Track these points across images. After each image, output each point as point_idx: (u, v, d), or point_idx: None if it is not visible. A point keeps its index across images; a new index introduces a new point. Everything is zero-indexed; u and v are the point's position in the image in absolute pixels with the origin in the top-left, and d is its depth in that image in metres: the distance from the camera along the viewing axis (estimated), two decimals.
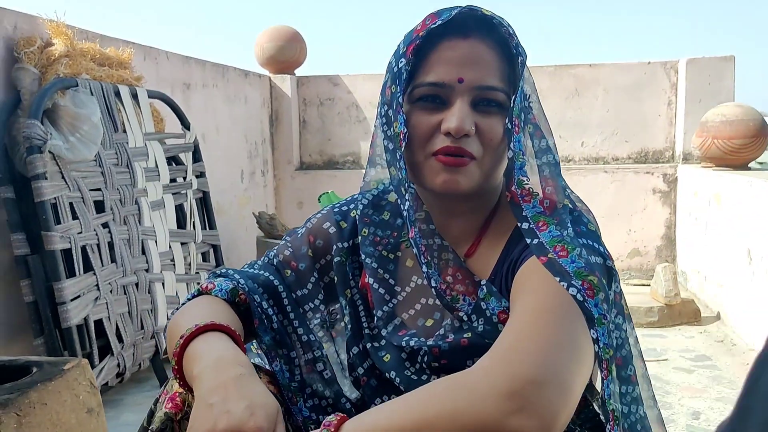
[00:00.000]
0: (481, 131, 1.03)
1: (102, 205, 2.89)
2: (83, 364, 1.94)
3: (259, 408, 0.84)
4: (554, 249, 0.97)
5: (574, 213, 1.07)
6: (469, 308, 1.07)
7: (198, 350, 0.95)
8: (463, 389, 0.82)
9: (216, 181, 4.21)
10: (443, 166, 1.03)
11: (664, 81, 5.29)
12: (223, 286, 1.12)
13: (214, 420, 0.83)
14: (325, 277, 1.21)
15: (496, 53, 1.04)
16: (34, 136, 2.52)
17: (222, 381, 0.88)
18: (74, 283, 2.61)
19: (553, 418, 0.79)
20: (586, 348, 0.90)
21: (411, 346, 1.09)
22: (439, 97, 1.03)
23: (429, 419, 0.79)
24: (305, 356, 1.18)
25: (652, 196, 5.15)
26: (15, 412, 1.67)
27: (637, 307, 4.00)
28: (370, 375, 1.15)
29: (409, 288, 1.15)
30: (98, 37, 3.24)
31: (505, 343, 0.87)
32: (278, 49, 5.52)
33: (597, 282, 0.94)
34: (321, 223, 1.22)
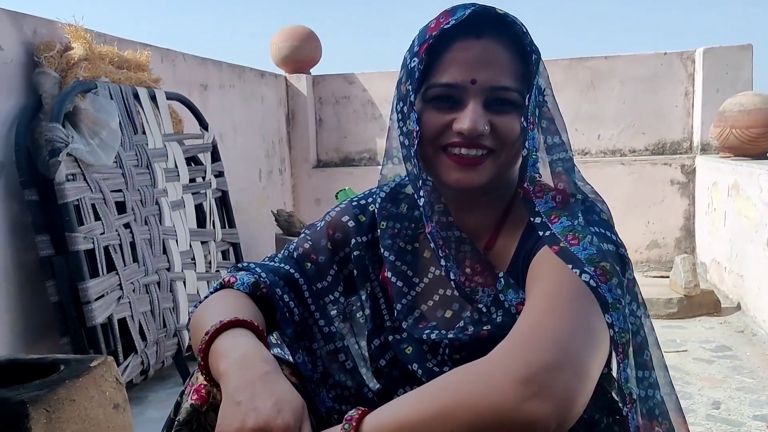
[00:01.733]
0: (497, 129, 1.04)
1: (123, 205, 2.93)
2: (109, 361, 1.99)
3: (286, 405, 0.86)
4: (566, 238, 0.98)
5: (586, 203, 1.08)
6: (488, 300, 1.09)
7: (223, 347, 0.97)
8: (479, 377, 0.83)
9: (234, 180, 4.25)
10: (457, 165, 1.05)
11: (681, 71, 5.26)
12: (245, 280, 1.14)
13: (243, 417, 0.85)
14: (344, 270, 1.22)
15: (510, 52, 1.04)
16: (56, 139, 2.57)
17: (248, 378, 0.90)
18: (98, 283, 2.65)
19: (570, 403, 0.80)
20: (600, 333, 0.91)
21: (432, 339, 1.10)
22: (453, 97, 1.04)
23: (447, 409, 0.81)
24: (327, 347, 1.20)
25: (670, 188, 5.13)
26: (44, 408, 1.72)
27: (656, 299, 3.99)
28: (392, 366, 1.16)
29: (427, 279, 1.16)
30: (116, 40, 3.29)
31: (520, 331, 0.88)
32: (294, 49, 5.55)
33: (610, 268, 0.95)
34: (340, 216, 1.24)
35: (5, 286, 2.63)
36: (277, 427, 0.83)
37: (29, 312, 2.71)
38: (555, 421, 0.78)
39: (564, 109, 1.18)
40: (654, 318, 3.86)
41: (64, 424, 1.76)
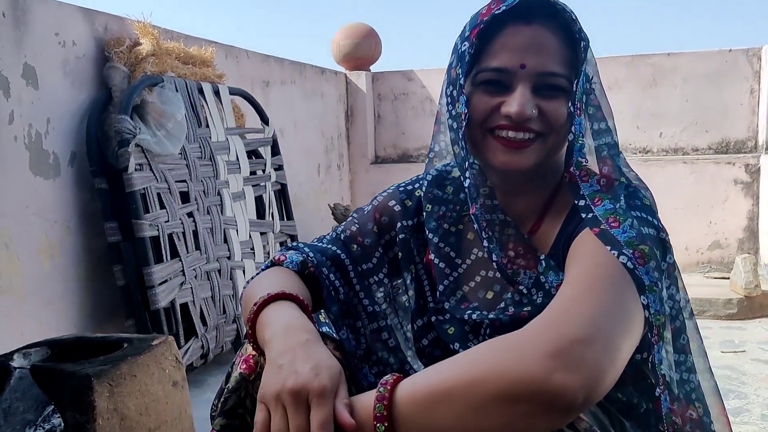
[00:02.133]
0: (546, 113, 1.06)
1: (187, 195, 3.05)
2: (169, 340, 2.08)
3: (323, 369, 0.91)
4: (607, 221, 1.00)
5: (629, 189, 1.09)
6: (529, 282, 1.12)
7: (269, 317, 1.03)
8: (511, 348, 0.85)
9: (293, 175, 4.35)
10: (504, 147, 1.07)
11: (746, 68, 5.14)
12: (294, 259, 1.20)
13: (283, 379, 0.90)
14: (389, 252, 1.27)
15: (559, 38, 1.06)
16: (124, 131, 2.69)
17: (290, 345, 0.95)
18: (162, 268, 2.77)
19: (599, 376, 0.81)
20: (634, 313, 0.92)
21: (474, 319, 1.13)
22: (502, 81, 1.07)
23: (478, 376, 0.83)
24: (371, 326, 1.24)
25: (733, 187, 5.02)
26: (108, 382, 1.82)
27: (716, 299, 3.93)
28: (434, 346, 1.20)
29: (470, 260, 1.20)
30: (182, 36, 3.42)
31: (554, 307, 0.90)
32: (354, 47, 5.63)
33: (648, 251, 0.97)
34: (387, 201, 1.28)
35: (76, 270, 2.78)
36: (314, 389, 0.87)
37: (97, 295, 2.85)
38: (583, 393, 0.80)
39: (625, 106, 1.20)
40: (713, 318, 3.85)
41: (126, 398, 1.86)
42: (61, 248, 2.71)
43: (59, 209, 2.71)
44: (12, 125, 2.52)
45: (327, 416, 0.86)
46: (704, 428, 1.07)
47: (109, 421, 1.81)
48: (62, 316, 2.69)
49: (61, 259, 2.71)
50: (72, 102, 2.80)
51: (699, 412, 1.09)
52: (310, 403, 0.88)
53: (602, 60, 5.40)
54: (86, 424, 1.78)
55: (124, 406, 1.85)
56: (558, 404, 0.80)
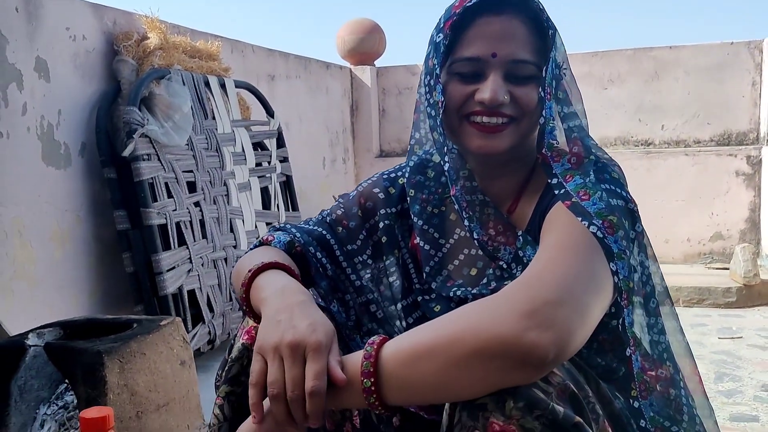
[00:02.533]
0: (517, 99, 1.12)
1: (194, 185, 3.13)
2: (177, 321, 2.16)
3: (319, 326, 0.98)
4: (578, 194, 1.07)
5: (598, 164, 1.15)
6: (509, 257, 1.18)
7: (265, 280, 1.11)
8: (487, 309, 0.91)
9: (299, 168, 4.42)
10: (479, 132, 1.14)
11: (748, 61, 5.18)
12: (281, 238, 1.26)
13: (282, 333, 0.97)
14: (373, 236, 1.32)
15: (528, 27, 1.12)
16: (132, 121, 2.77)
17: (288, 303, 1.03)
18: (170, 255, 2.85)
19: (569, 335, 0.87)
20: (604, 278, 0.98)
21: (458, 295, 1.20)
22: (475, 70, 1.13)
23: (457, 335, 0.89)
24: (359, 299, 1.31)
25: (735, 179, 5.06)
26: (118, 359, 1.90)
27: (715, 288, 3.98)
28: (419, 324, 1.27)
29: (453, 240, 1.26)
30: (189, 31, 3.50)
31: (528, 273, 0.97)
32: (358, 41, 5.71)
33: (617, 221, 1.03)
34: (371, 187, 1.34)
35: (86, 258, 2.86)
36: (311, 343, 0.94)
37: (107, 281, 2.93)
38: (554, 350, 0.86)
39: (627, 100, 1.24)
40: (712, 307, 3.91)
41: (136, 375, 1.94)
42: (72, 236, 2.79)
43: (70, 198, 2.79)
44: (25, 116, 2.60)
45: (321, 369, 0.93)
46: (675, 385, 1.13)
47: (119, 396, 1.89)
48: (73, 302, 2.77)
49: (72, 247, 2.79)
50: (82, 94, 2.88)
51: (670, 371, 1.14)
52: (306, 357, 0.94)
53: (604, 54, 5.46)
54: (98, 399, 1.85)
55: (134, 383, 1.93)
56: (530, 360, 0.86)
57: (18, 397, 1.93)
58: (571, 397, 0.96)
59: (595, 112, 5.48)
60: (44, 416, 1.94)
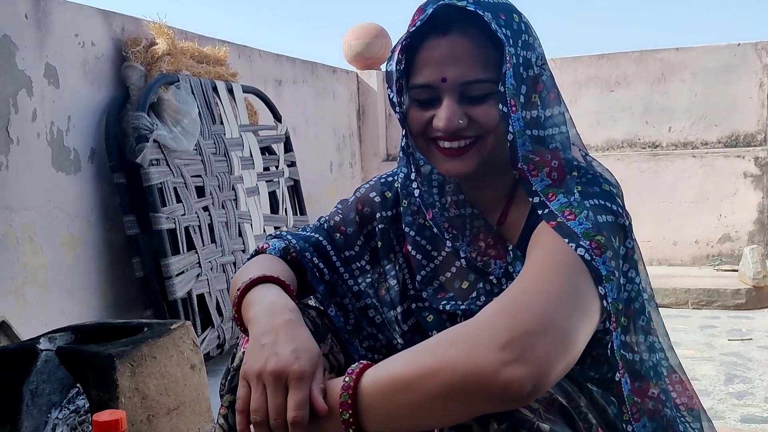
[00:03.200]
0: (475, 119, 1.08)
1: (202, 190, 3.14)
2: (187, 325, 2.17)
3: (304, 353, 0.96)
4: (563, 213, 1.02)
5: (587, 175, 1.09)
6: (500, 272, 1.16)
7: (253, 298, 1.09)
8: (463, 340, 0.87)
9: (306, 172, 4.44)
10: (444, 156, 1.12)
11: (755, 62, 5.17)
12: (276, 245, 1.26)
13: (265, 360, 0.95)
14: (371, 242, 1.31)
15: (477, 43, 1.06)
16: (141, 127, 2.79)
17: (273, 324, 1.01)
18: (179, 260, 2.86)
19: (549, 368, 0.84)
20: (590, 302, 0.94)
21: (447, 310, 1.19)
22: (430, 95, 1.09)
23: (433, 367, 0.86)
24: (357, 304, 1.29)
25: (743, 181, 5.05)
26: (129, 363, 1.91)
27: (724, 290, 3.97)
28: (414, 332, 1.25)
29: (445, 252, 1.24)
30: (196, 36, 3.52)
31: (508, 296, 0.93)
32: (365, 46, 5.72)
33: (605, 241, 0.99)
34: (368, 192, 1.33)
35: (96, 263, 2.88)
36: (293, 372, 0.93)
37: (117, 286, 2.95)
38: (531, 384, 0.83)
39: (634, 102, 1.19)
40: (721, 309, 3.90)
41: (147, 378, 1.95)
42: (82, 241, 2.81)
43: (80, 203, 2.81)
44: (35, 123, 2.62)
45: (303, 399, 0.91)
46: (666, 403, 1.09)
47: (131, 400, 1.90)
48: (84, 306, 2.79)
49: (83, 252, 2.81)
50: (91, 100, 2.90)
51: (660, 387, 1.10)
52: (289, 385, 0.93)
53: (611, 56, 5.47)
54: (109, 402, 1.86)
55: (145, 386, 1.94)
56: (508, 396, 0.83)
57: (30, 402, 1.94)
58: (560, 409, 0.94)
59: (601, 115, 5.48)
60: (56, 420, 1.95)
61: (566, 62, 5.50)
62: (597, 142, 5.51)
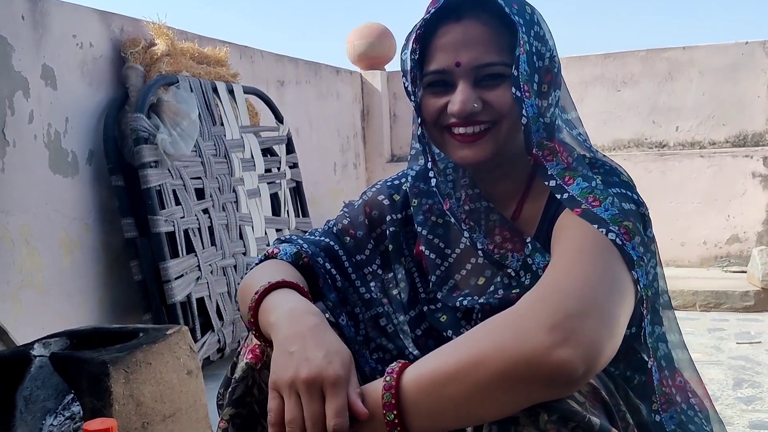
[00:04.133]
0: (490, 103, 1.08)
1: (202, 192, 3.11)
2: (183, 330, 2.13)
3: (335, 356, 0.92)
4: (587, 200, 1.01)
5: (605, 167, 1.11)
6: (517, 264, 1.14)
7: (273, 302, 1.04)
8: (509, 326, 0.86)
9: (309, 174, 4.40)
10: (459, 143, 1.11)
11: (763, 61, 5.11)
12: (288, 251, 1.21)
13: (296, 367, 0.91)
14: (380, 245, 1.28)
15: (491, 28, 1.08)
16: (140, 129, 2.76)
17: (299, 330, 0.96)
18: (178, 263, 2.83)
19: (598, 349, 0.82)
20: (626, 284, 0.93)
21: (464, 305, 1.16)
22: (445, 81, 1.10)
23: (480, 357, 0.84)
24: (368, 313, 1.26)
25: (751, 180, 4.98)
26: (123, 369, 1.87)
27: (732, 292, 3.92)
28: (427, 336, 1.22)
29: (459, 249, 1.22)
30: (197, 37, 3.48)
31: (545, 282, 0.91)
32: (369, 46, 5.68)
33: (632, 227, 0.98)
34: (376, 195, 1.31)
35: (94, 266, 2.85)
36: (329, 377, 0.89)
37: (115, 290, 2.92)
38: (583, 365, 0.81)
39: (641, 101, 1.19)
40: (729, 311, 3.84)
41: (141, 385, 1.91)
42: (80, 244, 2.78)
43: (78, 206, 2.78)
44: (32, 125, 2.59)
45: (342, 405, 0.88)
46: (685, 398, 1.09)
47: (125, 407, 1.86)
48: (81, 310, 2.76)
49: (80, 255, 2.78)
50: (89, 102, 2.87)
51: (678, 380, 1.11)
52: (325, 392, 0.89)
53: (617, 55, 5.41)
54: (103, 410, 1.83)
55: (139, 393, 1.91)
56: (559, 379, 0.81)
57: (23, 408, 1.91)
58: (602, 403, 0.92)
59: (608, 114, 5.42)
60: (50, 427, 1.92)
61: (572, 61, 5.44)
62: (604, 142, 5.45)
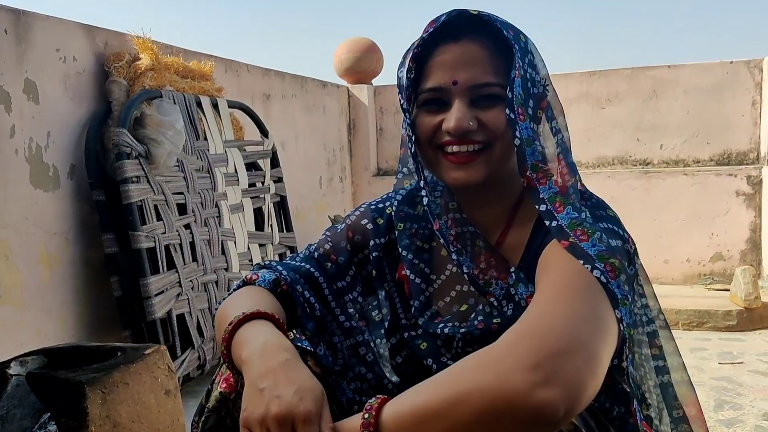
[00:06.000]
0: (484, 123, 1.09)
1: (184, 207, 3.09)
2: (162, 350, 2.11)
3: (307, 392, 0.91)
4: (575, 233, 1.01)
5: (592, 199, 1.11)
6: (501, 293, 1.13)
7: (245, 336, 1.03)
8: (490, 364, 0.84)
9: (295, 187, 4.39)
10: (452, 164, 1.11)
11: (747, 80, 5.15)
12: (266, 277, 1.20)
13: (266, 405, 0.90)
14: (363, 271, 1.27)
15: (489, 49, 1.09)
16: (122, 143, 2.74)
17: (270, 366, 0.95)
18: (158, 279, 2.80)
19: (580, 388, 0.81)
20: (610, 323, 0.92)
21: (445, 333, 1.15)
22: (440, 99, 1.11)
23: (461, 396, 0.83)
24: (347, 341, 1.24)
25: (735, 199, 5.01)
26: (100, 390, 1.85)
27: (715, 311, 3.93)
28: (408, 363, 1.21)
29: (444, 276, 1.21)
30: (182, 51, 3.47)
31: (529, 318, 0.90)
32: (355, 60, 5.69)
33: (618, 264, 0.97)
34: (359, 219, 1.29)
35: (74, 281, 2.82)
36: (299, 414, 0.88)
37: (95, 305, 2.89)
38: (564, 406, 0.80)
39: (626, 119, 1.19)
40: (712, 330, 3.84)
41: (118, 406, 1.89)
42: (60, 259, 2.75)
43: (58, 221, 2.75)
44: (13, 139, 2.57)
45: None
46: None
47: (101, 428, 1.84)
48: (61, 326, 2.73)
49: (60, 270, 2.75)
50: (72, 116, 2.84)
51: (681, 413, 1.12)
52: (296, 429, 0.88)
53: (602, 73, 5.44)
54: (79, 431, 1.81)
55: (116, 413, 1.88)
56: (541, 419, 0.80)
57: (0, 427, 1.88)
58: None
59: (593, 132, 5.45)
60: None
61: (557, 79, 5.46)
62: (588, 159, 5.48)
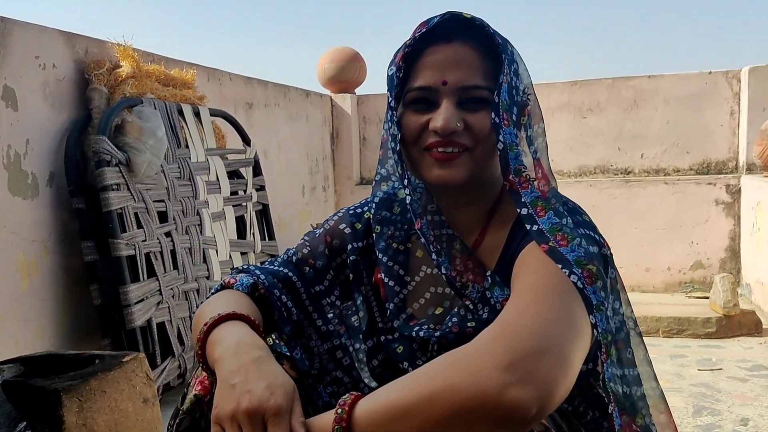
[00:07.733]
0: (470, 125, 1.10)
1: (165, 215, 3.07)
2: (140, 357, 2.10)
3: (278, 387, 0.92)
4: (555, 238, 1.02)
5: (568, 204, 1.13)
6: (477, 296, 1.14)
7: (219, 336, 1.04)
8: (464, 363, 0.86)
9: (277, 196, 4.38)
10: (436, 162, 1.11)
11: (726, 90, 5.22)
12: (244, 281, 1.21)
13: (237, 399, 0.91)
14: (341, 275, 1.29)
15: (479, 53, 1.10)
16: (102, 151, 2.72)
17: (242, 363, 0.97)
18: (138, 288, 2.79)
19: (552, 388, 0.83)
20: (583, 325, 0.94)
21: (420, 336, 1.16)
22: (428, 99, 1.12)
23: (434, 394, 0.84)
24: (324, 345, 1.26)
25: (714, 208, 5.07)
26: (77, 398, 1.84)
27: (695, 318, 3.96)
28: (384, 366, 1.22)
29: (419, 277, 1.22)
30: (164, 59, 3.46)
31: (504, 319, 0.92)
32: (339, 70, 5.70)
33: (596, 270, 0.99)
34: (337, 224, 1.30)
35: (53, 289, 2.79)
36: (270, 408, 0.89)
37: (74, 314, 2.86)
38: (536, 405, 0.81)
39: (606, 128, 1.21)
40: (691, 337, 3.87)
41: (95, 414, 1.87)
42: (38, 267, 2.73)
43: (37, 228, 2.73)
44: None
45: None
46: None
47: None
48: (39, 335, 2.70)
49: (39, 278, 2.73)
50: (52, 123, 2.83)
51: (645, 421, 1.11)
52: (266, 423, 0.89)
53: (584, 83, 5.49)
54: None
55: (93, 422, 1.87)
56: (513, 418, 0.81)
57: None
58: None
59: (575, 141, 5.49)
60: None
61: (539, 88, 5.50)
62: (569, 168, 5.52)
